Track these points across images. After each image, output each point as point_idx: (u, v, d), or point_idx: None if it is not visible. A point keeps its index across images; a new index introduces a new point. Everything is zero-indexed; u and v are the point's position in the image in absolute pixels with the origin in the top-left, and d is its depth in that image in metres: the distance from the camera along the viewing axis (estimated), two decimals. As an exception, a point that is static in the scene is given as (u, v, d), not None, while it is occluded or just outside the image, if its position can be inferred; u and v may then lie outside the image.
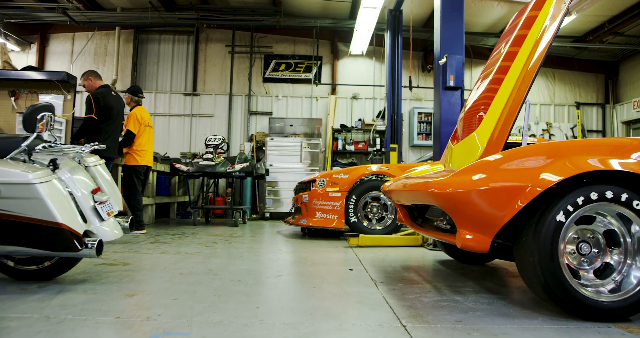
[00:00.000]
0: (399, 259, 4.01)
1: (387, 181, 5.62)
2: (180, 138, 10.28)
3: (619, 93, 10.43)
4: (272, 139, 9.45)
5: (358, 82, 10.33)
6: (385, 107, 9.81)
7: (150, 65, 10.53)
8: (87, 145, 2.77)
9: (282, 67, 10.44)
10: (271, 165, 9.30)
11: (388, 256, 4.17)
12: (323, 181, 5.61)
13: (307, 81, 10.41)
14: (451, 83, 4.81)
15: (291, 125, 9.75)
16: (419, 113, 10.10)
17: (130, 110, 5.88)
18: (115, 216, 2.90)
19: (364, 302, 2.41)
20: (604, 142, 2.46)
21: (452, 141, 3.32)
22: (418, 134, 10.07)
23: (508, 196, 2.19)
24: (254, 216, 9.34)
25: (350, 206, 5.47)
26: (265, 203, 9.28)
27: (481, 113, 2.95)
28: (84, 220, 2.60)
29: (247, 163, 6.96)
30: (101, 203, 2.69)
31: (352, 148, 9.73)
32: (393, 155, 8.28)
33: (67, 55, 10.49)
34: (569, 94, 10.58)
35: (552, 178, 2.14)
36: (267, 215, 9.25)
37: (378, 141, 9.42)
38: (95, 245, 2.47)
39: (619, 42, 9.20)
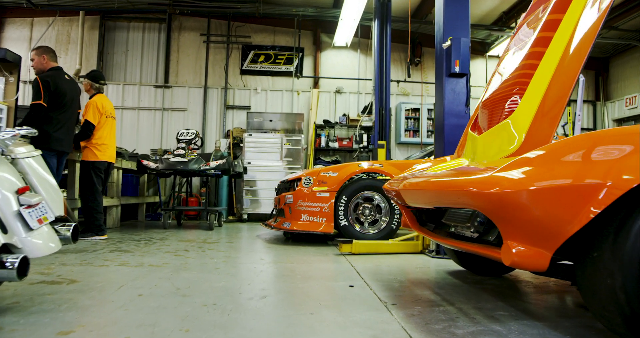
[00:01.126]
0: (402, 270, 3.44)
1: (380, 179, 5.06)
2: (150, 134, 9.52)
3: (610, 90, 10.16)
4: (251, 135, 8.80)
5: (342, 76, 9.77)
6: (372, 102, 9.27)
7: (118, 54, 9.72)
8: (8, 130, 2.10)
9: (261, 58, 9.79)
10: (249, 163, 8.65)
11: (388, 266, 3.60)
12: (309, 179, 5.01)
13: (287, 74, 9.78)
14: (456, 69, 4.28)
15: (271, 120, 9.12)
16: (406, 109, 9.59)
17: (90, 98, 5.15)
18: (54, 223, 2.24)
19: (381, 337, 1.83)
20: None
21: (473, 130, 2.77)
22: (405, 131, 9.57)
23: (576, 199, 1.64)
24: (231, 218, 8.66)
25: (340, 208, 4.88)
26: (243, 203, 8.63)
27: (516, 96, 2.40)
28: (4, 230, 1.93)
29: (224, 160, 6.30)
30: (29, 206, 2.03)
31: (335, 145, 9.16)
32: (381, 152, 7.74)
33: (25, 42, 9.59)
34: (559, 90, 10.22)
35: (635, 175, 1.59)
36: (245, 216, 8.59)
37: (365, 137, 8.86)
38: (17, 264, 1.82)
39: (613, 36, 8.89)
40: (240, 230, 6.76)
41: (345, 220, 4.88)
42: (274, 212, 5.84)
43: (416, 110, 9.58)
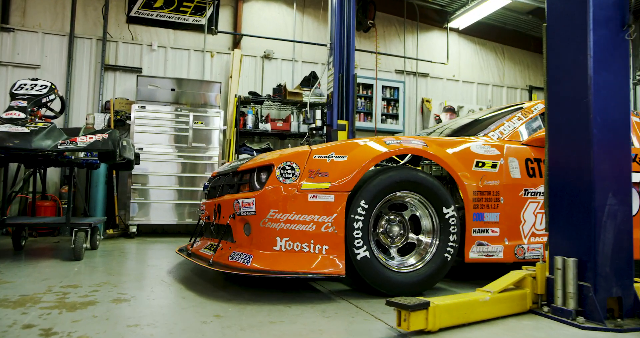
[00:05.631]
0: None
1: (420, 171, 2.80)
2: (-25, 101, 6.11)
3: None
4: (143, 107, 5.97)
5: (272, 36, 7.29)
6: (313, 73, 7.04)
7: None
8: None
9: (159, 3, 6.90)
10: (141, 149, 5.81)
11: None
12: (292, 168, 2.54)
13: (197, 28, 7.03)
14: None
15: (173, 89, 6.32)
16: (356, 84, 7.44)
17: None
18: None
19: None
20: None
21: None
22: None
23: None
24: (111, 232, 5.70)
25: (355, 225, 2.49)
26: (130, 210, 5.75)
27: None
28: None
29: (105, 135, 3.48)
30: None
31: (267, 126, 6.64)
32: (342, 136, 5.50)
33: None
34: (519, 75, 8.93)
35: None
36: (133, 229, 5.71)
37: (319, 115, 6.49)
38: None
39: None
40: (129, 256, 4.00)
41: (365, 247, 2.50)
42: (205, 227, 3.23)
43: (368, 87, 7.49)
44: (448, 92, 8.27)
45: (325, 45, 7.38)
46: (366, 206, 2.52)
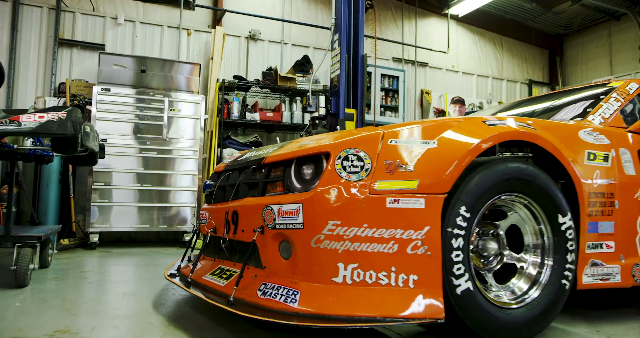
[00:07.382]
0: None
1: (528, 163, 2.02)
2: None
3: (565, 74, 8.64)
4: (108, 90, 4.95)
5: (258, 14, 6.38)
6: (305, 56, 6.22)
7: None
8: None
9: (126, -31, 5.86)
10: (104, 140, 4.79)
11: None
12: (359, 158, 1.70)
13: (171, 1, 6.03)
14: None
15: (143, 70, 5.31)
16: (352, 72, 6.64)
17: None
18: None
19: None
20: None
21: None
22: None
23: None
24: (66, 242, 4.64)
25: (455, 242, 1.68)
26: (91, 215, 4.73)
27: None
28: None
29: (62, 114, 2.51)
30: None
31: (256, 116, 5.72)
32: (349, 126, 4.69)
33: None
34: (517, 68, 8.39)
35: None
36: (94, 238, 4.68)
37: (322, 102, 5.62)
38: None
39: None
40: (93, 278, 3.03)
41: (467, 275, 1.69)
42: (209, 243, 2.33)
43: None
44: (448, 84, 7.62)
45: (320, 26, 6.60)
46: (467, 216, 1.71)
